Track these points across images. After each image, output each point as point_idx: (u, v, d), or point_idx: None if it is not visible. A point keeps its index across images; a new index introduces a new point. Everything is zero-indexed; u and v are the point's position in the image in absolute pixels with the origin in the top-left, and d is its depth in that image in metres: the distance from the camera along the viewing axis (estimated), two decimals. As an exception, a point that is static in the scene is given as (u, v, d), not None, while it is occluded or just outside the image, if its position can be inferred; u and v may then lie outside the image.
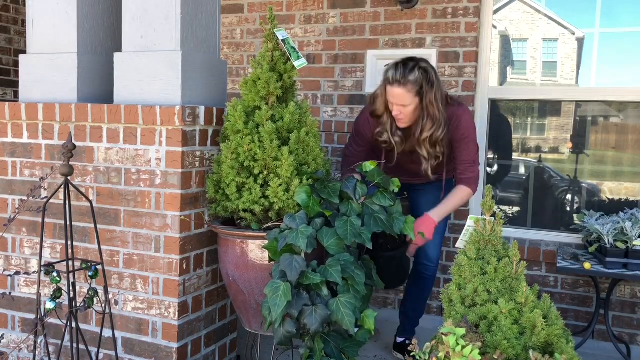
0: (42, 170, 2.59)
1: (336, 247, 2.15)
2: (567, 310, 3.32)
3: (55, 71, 2.65)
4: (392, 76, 2.50)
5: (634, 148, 3.40)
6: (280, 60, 2.38)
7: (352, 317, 2.05)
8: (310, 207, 2.19)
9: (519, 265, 1.90)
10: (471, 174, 2.68)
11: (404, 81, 2.47)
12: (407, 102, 2.50)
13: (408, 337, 3.03)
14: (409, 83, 2.47)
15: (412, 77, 2.47)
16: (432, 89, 2.49)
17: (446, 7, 3.45)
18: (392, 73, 2.50)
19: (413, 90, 2.48)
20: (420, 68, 2.49)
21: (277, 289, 2.03)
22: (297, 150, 2.28)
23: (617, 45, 3.42)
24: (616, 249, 2.88)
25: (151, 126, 2.35)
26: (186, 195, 2.36)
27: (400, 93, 2.49)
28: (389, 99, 2.56)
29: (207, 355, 2.59)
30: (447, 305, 1.97)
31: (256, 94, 2.35)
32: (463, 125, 2.62)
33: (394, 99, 2.52)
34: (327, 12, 3.74)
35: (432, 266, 2.85)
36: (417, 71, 2.47)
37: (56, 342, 2.59)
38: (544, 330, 1.74)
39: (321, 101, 3.80)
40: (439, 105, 2.52)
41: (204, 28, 2.54)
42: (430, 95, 2.49)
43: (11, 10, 4.73)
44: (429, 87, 2.49)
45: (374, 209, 2.29)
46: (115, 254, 2.47)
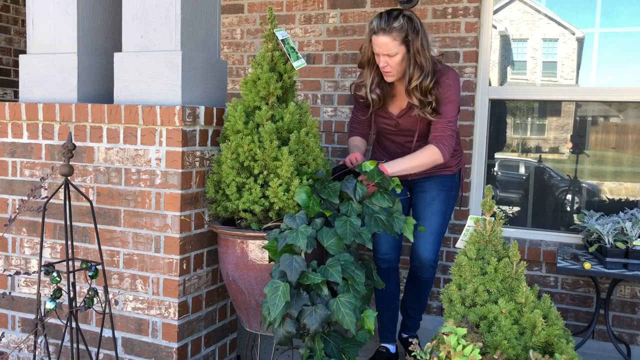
0: (42, 170, 2.59)
1: (336, 247, 2.15)
2: (567, 310, 3.32)
3: (55, 71, 2.65)
4: (377, 25, 2.46)
5: (634, 148, 3.40)
6: (280, 60, 2.38)
7: (352, 317, 2.05)
8: (310, 207, 2.19)
9: (519, 265, 1.90)
10: (441, 132, 2.59)
11: (389, 29, 2.43)
12: (393, 50, 2.47)
13: (411, 335, 3.02)
14: (394, 30, 2.43)
15: (396, 24, 2.43)
16: (418, 36, 2.46)
17: (446, 7, 3.45)
18: (376, 22, 2.47)
19: (399, 37, 2.45)
20: (405, 16, 2.46)
21: (277, 289, 2.03)
22: (297, 150, 2.28)
23: (617, 45, 3.42)
24: (616, 249, 2.88)
25: (151, 126, 2.35)
26: (186, 195, 2.36)
27: (385, 41, 2.45)
28: (375, 49, 2.51)
29: (207, 355, 2.59)
30: (447, 305, 1.97)
31: (256, 94, 2.35)
32: (445, 82, 2.57)
33: (380, 49, 2.49)
34: (327, 12, 3.74)
35: (426, 267, 2.73)
36: (401, 19, 2.45)
37: (56, 342, 2.59)
38: (544, 330, 1.74)
39: (321, 101, 3.80)
40: (425, 53, 2.48)
41: (204, 28, 2.54)
42: (417, 43, 2.46)
43: (11, 10, 4.73)
44: (414, 35, 2.46)
45: (374, 209, 2.29)
46: (115, 254, 2.47)
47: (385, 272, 2.84)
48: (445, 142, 2.59)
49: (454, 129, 2.63)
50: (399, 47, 2.48)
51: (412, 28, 2.46)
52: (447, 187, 2.81)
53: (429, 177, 2.82)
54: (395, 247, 2.83)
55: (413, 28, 2.46)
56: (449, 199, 2.80)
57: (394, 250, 2.83)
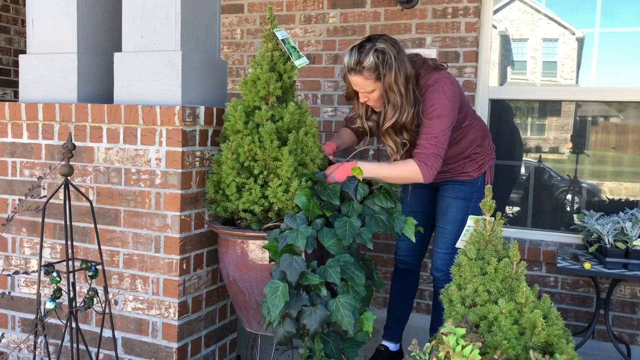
0: (42, 170, 2.59)
1: (336, 247, 2.15)
2: (567, 310, 3.32)
3: (55, 71, 2.65)
4: (347, 63, 2.31)
5: (634, 148, 3.40)
6: (280, 60, 2.38)
7: (351, 318, 2.05)
8: (311, 210, 2.19)
9: (519, 265, 1.90)
10: (424, 150, 2.34)
11: (359, 68, 2.28)
12: (369, 88, 2.33)
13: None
14: (365, 70, 2.27)
15: (367, 62, 2.25)
16: (391, 71, 2.26)
17: (446, 7, 3.45)
18: (347, 60, 2.31)
19: (371, 76, 2.28)
20: (377, 50, 2.25)
21: (276, 289, 2.03)
22: (295, 151, 2.28)
23: (617, 45, 3.42)
24: (616, 249, 2.88)
25: (151, 126, 2.35)
26: (186, 195, 2.36)
27: (359, 81, 2.32)
28: (353, 87, 2.40)
29: (207, 355, 2.59)
30: (447, 305, 1.97)
31: (256, 94, 2.35)
32: (432, 95, 2.35)
33: (356, 87, 2.37)
34: (327, 12, 3.74)
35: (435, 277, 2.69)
36: (372, 55, 2.25)
37: (56, 342, 2.59)
38: (544, 330, 1.74)
39: (321, 101, 3.80)
40: (399, 89, 2.28)
41: (204, 28, 2.54)
42: (389, 79, 2.26)
43: (11, 10, 4.73)
44: (387, 70, 2.26)
45: (374, 210, 2.29)
46: (115, 254, 2.47)
47: (401, 272, 2.86)
48: (427, 161, 2.34)
49: (441, 144, 2.36)
50: (374, 84, 2.32)
51: (384, 63, 2.26)
52: (464, 194, 2.63)
53: (447, 182, 2.68)
54: (414, 250, 2.82)
55: (385, 63, 2.26)
56: (466, 207, 2.62)
57: (412, 253, 2.83)
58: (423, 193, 2.81)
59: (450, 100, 2.35)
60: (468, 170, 2.64)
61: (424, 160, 2.34)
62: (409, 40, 3.54)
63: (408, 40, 3.54)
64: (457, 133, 2.53)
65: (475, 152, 2.64)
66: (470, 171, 2.65)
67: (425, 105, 2.35)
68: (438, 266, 2.67)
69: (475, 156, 2.64)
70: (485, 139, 2.69)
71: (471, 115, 2.61)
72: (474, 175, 2.65)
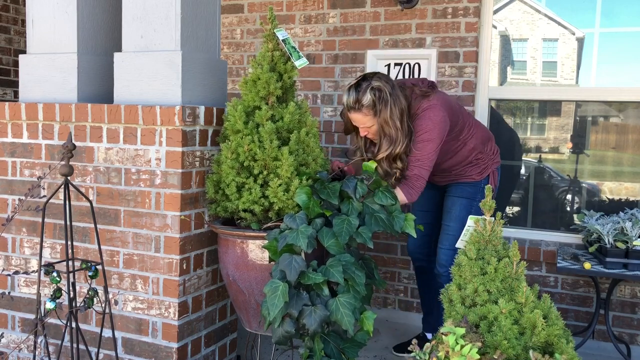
0: (42, 170, 2.59)
1: (336, 247, 2.15)
2: (567, 310, 3.32)
3: (55, 71, 2.65)
4: (346, 102, 2.48)
5: (634, 148, 3.40)
6: (280, 60, 2.38)
7: (351, 318, 2.05)
8: (311, 208, 2.19)
9: (519, 265, 1.90)
10: (409, 171, 2.53)
11: (359, 106, 2.45)
12: (368, 124, 2.50)
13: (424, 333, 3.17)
14: (364, 107, 2.44)
15: (365, 100, 2.43)
16: (387, 107, 2.43)
17: (446, 7, 3.45)
18: (346, 99, 2.49)
19: (370, 112, 2.45)
20: (373, 88, 2.43)
21: (276, 289, 2.03)
22: (297, 151, 2.28)
23: (617, 45, 3.42)
24: (616, 249, 2.88)
25: (151, 126, 2.35)
26: (186, 195, 2.36)
27: (359, 117, 2.49)
28: (353, 122, 2.56)
29: (207, 355, 2.59)
30: (447, 305, 1.97)
31: (256, 94, 2.35)
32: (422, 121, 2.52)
33: (356, 123, 2.53)
34: (327, 12, 3.74)
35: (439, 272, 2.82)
36: (369, 93, 2.42)
37: (56, 342, 2.59)
38: (544, 330, 1.74)
39: (321, 101, 3.80)
40: (395, 123, 2.45)
41: (204, 28, 2.54)
42: (385, 114, 2.44)
43: (11, 10, 4.73)
44: (382, 106, 2.43)
45: (374, 208, 2.29)
46: (115, 254, 2.47)
47: (418, 269, 3.10)
48: (408, 183, 2.52)
49: (424, 167, 2.53)
50: (372, 120, 2.48)
51: (380, 100, 2.43)
52: (467, 194, 2.79)
53: (453, 183, 2.85)
54: (422, 246, 3.01)
55: (381, 99, 2.43)
56: (469, 206, 2.77)
57: (421, 250, 3.01)
58: (432, 194, 2.96)
59: (437, 126, 2.51)
60: (471, 174, 2.81)
61: (409, 184, 2.53)
62: (409, 40, 3.54)
63: (408, 40, 3.54)
64: (456, 145, 2.69)
65: (477, 158, 2.78)
66: (473, 174, 2.81)
67: (415, 128, 2.53)
68: (442, 262, 2.80)
69: (477, 161, 2.79)
70: (486, 145, 2.82)
71: (469, 125, 2.73)
72: (477, 178, 2.82)
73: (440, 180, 2.86)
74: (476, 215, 2.06)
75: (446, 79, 3.48)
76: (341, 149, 3.76)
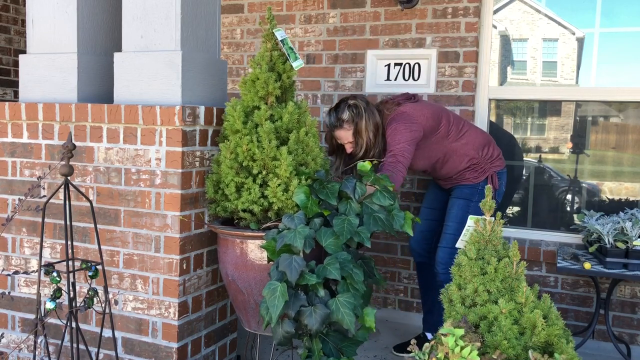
0: (42, 170, 2.59)
1: (334, 246, 2.15)
2: (567, 310, 3.32)
3: (55, 71, 2.65)
4: (329, 122, 2.84)
5: (634, 148, 3.40)
6: (279, 60, 2.38)
7: (351, 317, 2.05)
8: (309, 207, 2.19)
9: (519, 265, 1.90)
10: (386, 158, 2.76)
11: (339, 123, 2.80)
12: (350, 138, 2.82)
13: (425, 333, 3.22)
14: (344, 123, 2.79)
15: (344, 116, 2.78)
16: (362, 119, 2.77)
17: (446, 7, 3.45)
18: (328, 120, 2.85)
19: (350, 127, 2.79)
20: (350, 106, 2.79)
21: (275, 290, 2.03)
22: (296, 150, 2.28)
23: (617, 45, 3.42)
24: (616, 249, 2.88)
25: (151, 126, 2.35)
26: (186, 195, 2.36)
27: (341, 134, 2.83)
28: (337, 140, 2.89)
29: (207, 355, 2.59)
30: (447, 305, 1.97)
31: (255, 93, 2.35)
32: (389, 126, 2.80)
33: (340, 140, 2.87)
34: (327, 12, 3.74)
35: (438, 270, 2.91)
36: (347, 111, 2.78)
37: (56, 342, 2.59)
38: (544, 330, 1.74)
39: (321, 101, 3.80)
40: (368, 133, 2.78)
41: (204, 28, 2.54)
42: (360, 125, 2.77)
43: (11, 10, 4.73)
44: (358, 119, 2.78)
45: (373, 209, 2.29)
46: (115, 254, 2.47)
47: (419, 266, 3.20)
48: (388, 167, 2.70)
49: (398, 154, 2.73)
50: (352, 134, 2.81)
51: (356, 114, 2.78)
52: (465, 195, 2.94)
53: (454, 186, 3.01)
54: (422, 241, 3.12)
55: (357, 114, 2.78)
56: (467, 206, 2.91)
57: (421, 244, 3.12)
58: (440, 193, 3.15)
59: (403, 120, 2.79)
60: (469, 177, 2.96)
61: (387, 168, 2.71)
62: (409, 40, 3.54)
63: (408, 40, 3.54)
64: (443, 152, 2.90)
65: (473, 163, 2.94)
66: (471, 177, 2.95)
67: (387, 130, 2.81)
68: (439, 260, 2.90)
69: (474, 166, 2.94)
70: (482, 150, 2.95)
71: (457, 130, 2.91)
72: (474, 181, 2.96)
73: (444, 184, 3.07)
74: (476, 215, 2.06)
75: (446, 79, 3.48)
76: (341, 149, 3.76)
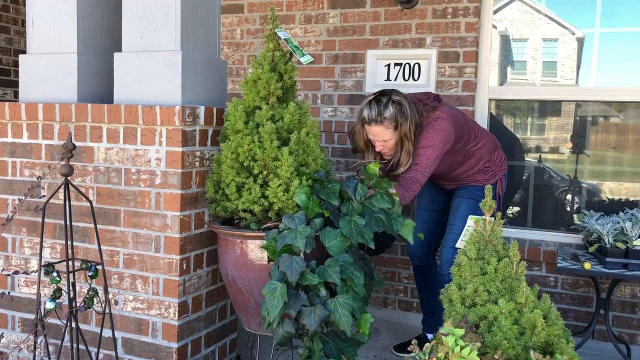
0: (42, 170, 2.59)
1: (339, 247, 2.14)
2: (567, 310, 3.32)
3: (55, 71, 2.65)
4: (368, 116, 2.54)
5: (634, 148, 3.40)
6: (280, 60, 2.38)
7: (349, 318, 2.05)
8: (310, 207, 2.19)
9: (519, 265, 1.90)
10: (407, 174, 2.59)
11: (381, 119, 2.52)
12: (387, 137, 2.56)
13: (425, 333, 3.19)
14: (386, 120, 2.52)
15: (387, 113, 2.51)
16: (407, 121, 2.52)
17: (446, 7, 3.45)
18: (367, 113, 2.55)
19: (391, 125, 2.53)
20: (394, 102, 2.52)
21: (275, 290, 2.03)
22: (297, 151, 2.28)
23: (617, 45, 3.42)
24: (616, 249, 2.88)
25: (151, 126, 2.35)
26: (186, 195, 2.36)
27: (379, 131, 2.55)
28: (369, 136, 2.62)
29: (207, 355, 2.59)
30: (447, 306, 1.97)
31: (256, 94, 2.35)
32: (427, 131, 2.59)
33: (374, 137, 2.59)
34: (327, 12, 3.74)
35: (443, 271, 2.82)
36: (391, 107, 2.51)
37: (56, 342, 2.59)
38: (544, 330, 1.74)
39: (321, 101, 3.80)
40: (411, 136, 2.55)
41: (204, 28, 2.54)
42: (405, 128, 2.52)
43: (11, 10, 4.73)
44: (403, 120, 2.52)
45: (374, 210, 2.29)
46: (115, 254, 2.47)
47: (416, 269, 3.11)
48: (405, 185, 2.56)
49: (422, 172, 2.58)
50: (392, 133, 2.55)
51: (401, 114, 2.52)
52: (474, 196, 2.83)
53: (460, 187, 2.90)
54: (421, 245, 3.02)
55: (402, 113, 2.52)
56: (476, 207, 2.78)
57: (420, 247, 3.02)
58: (437, 195, 3.05)
59: (440, 134, 2.57)
60: (480, 179, 2.87)
61: (404, 184, 2.56)
62: (409, 40, 3.54)
63: (408, 40, 3.54)
64: (462, 156, 2.76)
65: (485, 167, 2.86)
66: (482, 180, 2.87)
67: (420, 136, 2.59)
68: (444, 260, 2.82)
69: (486, 169, 2.87)
70: (493, 153, 2.88)
71: (475, 137, 2.78)
72: (483, 183, 2.88)
73: (447, 184, 2.95)
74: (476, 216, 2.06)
75: (446, 79, 3.48)
76: (341, 149, 3.76)
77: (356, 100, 3.70)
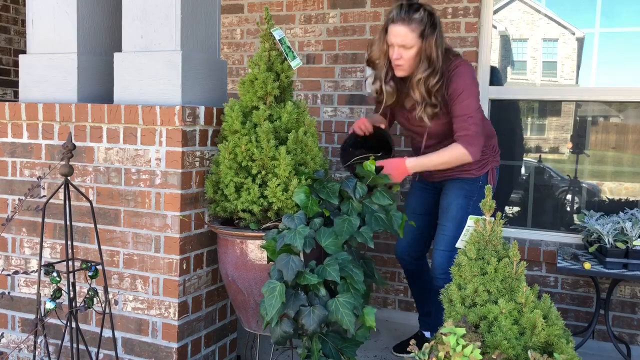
0: (42, 170, 2.59)
1: (334, 246, 2.15)
2: (567, 310, 3.32)
3: (55, 71, 2.65)
4: (396, 14, 2.40)
5: (634, 148, 3.40)
6: (277, 60, 2.38)
7: (351, 317, 2.05)
8: (309, 207, 2.19)
9: (519, 265, 1.90)
10: (465, 131, 2.45)
11: (409, 19, 2.37)
12: (409, 43, 2.40)
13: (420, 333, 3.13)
14: (414, 22, 2.37)
15: (417, 15, 2.37)
16: (434, 32, 2.39)
17: (446, 7, 3.45)
18: (395, 11, 2.40)
19: (417, 30, 2.38)
20: (426, 10, 2.40)
21: (273, 289, 2.03)
22: (295, 150, 2.28)
23: (617, 45, 3.42)
24: (616, 249, 2.88)
25: (151, 126, 2.35)
26: (186, 195, 2.36)
27: (403, 32, 2.39)
28: (391, 39, 2.44)
29: (207, 355, 2.59)
30: (447, 306, 1.97)
31: (253, 93, 2.35)
32: (458, 77, 2.46)
33: (396, 39, 2.41)
34: (327, 12, 3.74)
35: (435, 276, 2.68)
36: (422, 11, 2.39)
37: (56, 342, 2.59)
38: (544, 330, 1.74)
39: (321, 101, 3.80)
40: (437, 51, 2.40)
41: (204, 28, 2.54)
42: (431, 39, 2.38)
43: (11, 10, 4.73)
44: (431, 30, 2.39)
45: (373, 208, 2.29)
46: (115, 254, 2.47)
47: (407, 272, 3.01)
48: (471, 141, 2.44)
49: (478, 122, 2.45)
50: (415, 40, 2.40)
51: (431, 23, 2.39)
52: (465, 192, 2.67)
53: (450, 179, 2.73)
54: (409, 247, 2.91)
55: (432, 23, 2.40)
56: (467, 205, 2.65)
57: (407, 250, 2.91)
58: (425, 196, 2.90)
59: (474, 83, 2.48)
60: (470, 168, 2.67)
61: (469, 141, 2.45)
62: (409, 40, 3.54)
63: (408, 40, 3.54)
64: None
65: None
66: (473, 169, 2.67)
67: (452, 87, 2.45)
68: (436, 264, 2.67)
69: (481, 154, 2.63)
70: (489, 140, 2.74)
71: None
72: (476, 173, 2.69)
73: (437, 175, 2.74)
74: (475, 215, 2.06)
75: (446, 79, 3.47)
76: (341, 149, 3.76)
77: (356, 100, 3.70)
